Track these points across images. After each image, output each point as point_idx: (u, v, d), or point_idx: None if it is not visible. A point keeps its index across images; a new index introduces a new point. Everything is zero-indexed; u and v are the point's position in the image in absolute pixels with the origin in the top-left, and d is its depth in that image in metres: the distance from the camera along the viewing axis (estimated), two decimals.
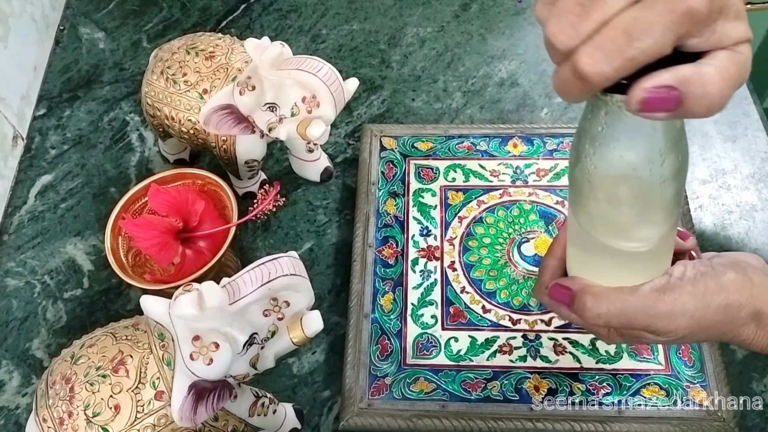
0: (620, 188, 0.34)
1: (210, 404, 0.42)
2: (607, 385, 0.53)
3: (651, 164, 0.32)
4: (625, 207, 0.35)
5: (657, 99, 0.27)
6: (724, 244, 0.61)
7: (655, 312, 0.36)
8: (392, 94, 0.73)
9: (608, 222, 0.36)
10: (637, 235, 0.36)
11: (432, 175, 0.65)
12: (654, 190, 0.33)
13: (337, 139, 0.70)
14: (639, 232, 0.36)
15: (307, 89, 0.54)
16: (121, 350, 0.42)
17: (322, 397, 0.55)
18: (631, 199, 0.34)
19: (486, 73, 0.74)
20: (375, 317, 0.57)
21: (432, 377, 0.54)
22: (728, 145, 0.67)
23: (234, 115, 0.56)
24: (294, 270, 0.42)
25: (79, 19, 0.81)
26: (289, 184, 0.67)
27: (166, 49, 0.60)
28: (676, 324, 0.36)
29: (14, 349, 0.59)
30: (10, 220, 0.66)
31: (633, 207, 0.35)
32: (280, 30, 0.79)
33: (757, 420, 0.53)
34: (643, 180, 0.33)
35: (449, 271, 0.59)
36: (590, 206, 0.36)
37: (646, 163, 0.32)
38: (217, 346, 0.40)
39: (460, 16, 0.79)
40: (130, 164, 0.69)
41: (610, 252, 0.37)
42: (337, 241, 0.63)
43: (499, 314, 0.57)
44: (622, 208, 0.35)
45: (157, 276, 0.55)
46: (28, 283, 0.62)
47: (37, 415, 0.43)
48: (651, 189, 0.33)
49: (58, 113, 0.73)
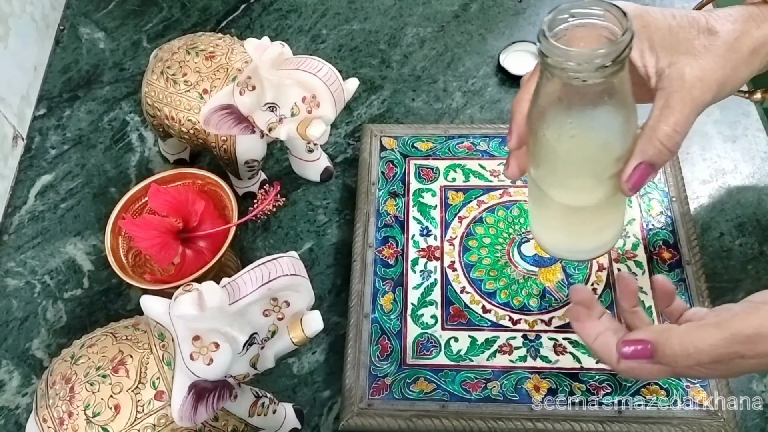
0: (567, 153, 0.38)
1: (210, 404, 0.42)
2: (607, 385, 0.53)
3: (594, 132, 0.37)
4: (573, 168, 0.39)
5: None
6: (725, 244, 0.61)
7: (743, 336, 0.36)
8: (392, 94, 0.73)
9: (560, 182, 0.41)
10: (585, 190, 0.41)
11: (432, 175, 0.65)
12: (598, 155, 0.39)
13: (337, 139, 0.70)
14: (586, 191, 0.41)
15: (307, 89, 0.54)
16: (121, 350, 0.42)
17: (322, 397, 0.55)
18: (577, 162, 0.39)
19: (486, 73, 0.74)
20: (375, 317, 0.57)
21: (432, 377, 0.54)
22: (728, 145, 0.67)
23: (234, 115, 0.56)
24: (294, 270, 0.42)
25: (79, 19, 0.81)
26: (289, 184, 0.67)
27: (166, 49, 0.60)
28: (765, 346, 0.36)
29: (14, 349, 0.59)
30: (10, 220, 0.66)
31: (580, 168, 0.39)
32: (280, 30, 0.79)
33: (757, 420, 0.53)
34: (587, 146, 0.38)
35: (449, 271, 0.59)
36: (546, 169, 0.41)
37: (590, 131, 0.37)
38: (217, 346, 0.40)
39: (460, 16, 0.79)
40: (130, 164, 0.69)
41: (563, 209, 0.42)
42: (337, 241, 0.63)
43: (499, 314, 0.57)
44: (570, 170, 0.40)
45: (157, 276, 0.55)
46: (28, 283, 0.62)
47: (37, 415, 0.43)
48: (595, 154, 0.39)
49: (58, 113, 0.73)
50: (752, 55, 0.42)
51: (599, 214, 0.43)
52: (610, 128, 0.38)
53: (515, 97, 0.44)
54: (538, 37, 0.35)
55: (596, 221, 0.44)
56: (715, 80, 0.41)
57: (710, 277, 0.58)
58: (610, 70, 0.34)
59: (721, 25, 0.42)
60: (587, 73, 0.34)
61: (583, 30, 0.36)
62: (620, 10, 0.35)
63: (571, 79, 0.34)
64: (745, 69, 0.42)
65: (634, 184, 0.40)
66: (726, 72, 0.41)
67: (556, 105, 0.37)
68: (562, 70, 0.34)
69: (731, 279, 0.59)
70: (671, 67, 0.41)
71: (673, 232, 0.60)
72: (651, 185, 0.63)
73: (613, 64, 0.34)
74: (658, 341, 0.38)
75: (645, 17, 0.42)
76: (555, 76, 0.35)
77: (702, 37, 0.41)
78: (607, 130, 0.38)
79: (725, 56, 0.41)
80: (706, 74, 0.41)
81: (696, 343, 0.37)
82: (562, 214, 0.44)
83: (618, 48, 0.34)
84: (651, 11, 0.42)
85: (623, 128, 0.38)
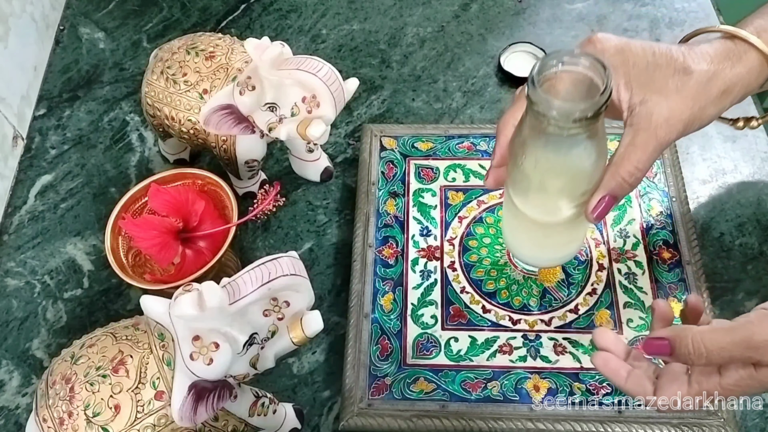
0: (540, 182, 0.44)
1: (210, 404, 0.42)
2: (607, 385, 0.53)
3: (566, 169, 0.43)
4: (543, 194, 0.45)
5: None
6: (725, 244, 0.61)
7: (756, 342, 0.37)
8: (392, 94, 0.73)
9: (531, 202, 0.46)
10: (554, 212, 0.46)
11: (432, 175, 0.65)
12: (567, 187, 0.44)
13: (337, 139, 0.70)
14: (553, 213, 0.47)
15: (307, 89, 0.54)
16: (121, 350, 0.42)
17: (322, 397, 0.55)
18: (548, 190, 0.45)
19: (486, 73, 0.74)
20: (375, 317, 0.57)
21: (432, 377, 0.54)
22: (728, 145, 0.67)
23: (234, 115, 0.56)
24: (294, 270, 0.42)
25: (79, 19, 0.81)
26: (289, 184, 0.67)
27: (166, 49, 0.60)
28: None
29: (14, 349, 0.59)
30: (10, 220, 0.66)
31: (549, 195, 0.45)
32: (280, 30, 0.79)
33: (757, 420, 0.53)
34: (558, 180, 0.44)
35: (449, 271, 0.59)
36: (520, 189, 0.46)
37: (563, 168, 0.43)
38: (217, 346, 0.40)
39: (460, 16, 0.79)
40: (130, 164, 0.69)
41: (532, 223, 0.48)
42: (337, 241, 0.63)
43: (499, 314, 0.57)
44: (541, 195, 0.45)
45: (157, 276, 0.55)
46: (28, 283, 0.62)
47: (37, 415, 0.43)
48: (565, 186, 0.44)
49: (58, 113, 0.73)
50: (722, 96, 0.44)
51: (563, 231, 0.49)
52: (580, 167, 0.42)
53: (502, 118, 0.46)
54: (527, 83, 0.39)
55: (560, 237, 0.50)
56: (682, 120, 0.43)
57: (710, 277, 0.58)
58: (586, 122, 0.38)
59: (697, 64, 0.44)
60: (566, 122, 0.38)
61: (569, 74, 0.40)
62: (604, 66, 0.39)
63: (551, 124, 0.39)
64: (713, 109, 0.44)
65: (598, 215, 0.44)
66: (694, 112, 0.44)
67: (535, 139, 0.41)
68: (544, 116, 0.39)
69: (731, 279, 0.59)
70: (642, 104, 0.43)
71: (673, 232, 0.60)
72: (651, 185, 0.63)
73: (590, 118, 0.38)
74: (676, 338, 0.39)
75: (625, 53, 0.44)
76: (538, 119, 0.39)
77: (677, 76, 0.43)
78: (578, 168, 0.43)
79: (695, 97, 0.43)
80: (673, 114, 0.43)
81: (707, 344, 0.37)
82: (531, 227, 0.49)
83: (596, 105, 0.38)
84: (632, 46, 0.44)
85: (593, 167, 0.43)
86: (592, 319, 0.56)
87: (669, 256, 0.59)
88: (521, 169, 0.43)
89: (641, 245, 0.59)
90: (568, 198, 0.45)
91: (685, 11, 0.77)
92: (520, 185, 0.46)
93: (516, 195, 0.47)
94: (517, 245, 0.54)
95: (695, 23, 0.76)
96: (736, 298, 0.58)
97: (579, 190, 0.44)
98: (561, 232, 0.49)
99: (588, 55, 0.39)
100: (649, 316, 0.56)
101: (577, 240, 0.52)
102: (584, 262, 0.59)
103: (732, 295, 0.58)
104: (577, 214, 0.46)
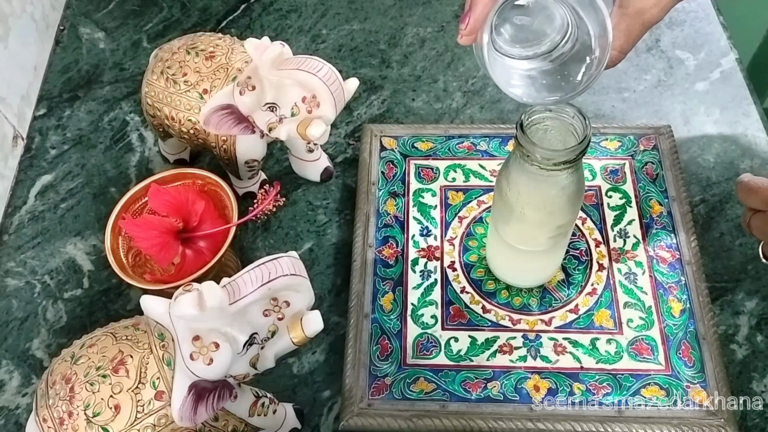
0: (521, 214, 0.48)
1: (210, 404, 0.42)
2: (607, 385, 0.53)
3: (545, 204, 0.47)
4: (522, 225, 0.50)
5: None
6: (725, 244, 0.61)
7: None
8: (392, 94, 0.73)
9: (511, 231, 0.52)
10: (532, 241, 0.51)
11: (432, 175, 0.65)
12: (544, 221, 0.49)
13: (337, 139, 0.70)
14: (531, 241, 0.51)
15: (307, 89, 0.54)
16: (121, 350, 0.42)
17: (322, 397, 0.55)
18: (526, 222, 0.49)
19: (486, 73, 0.74)
20: (375, 317, 0.57)
21: (432, 377, 0.54)
22: (728, 145, 0.67)
23: (234, 115, 0.56)
24: (294, 270, 0.42)
25: (79, 19, 0.81)
26: (289, 184, 0.67)
27: (166, 49, 0.60)
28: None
29: (14, 349, 0.59)
30: (10, 220, 0.66)
31: (527, 226, 0.50)
32: (280, 30, 0.79)
33: (757, 420, 0.53)
34: (537, 214, 0.48)
35: (449, 271, 0.59)
36: (502, 217, 0.51)
37: (542, 203, 0.47)
38: (217, 346, 0.40)
39: (460, 16, 0.79)
40: (130, 164, 0.69)
41: (511, 248, 0.53)
42: (337, 241, 0.63)
43: (499, 314, 0.57)
44: (521, 226, 0.50)
45: (157, 276, 0.55)
46: (28, 283, 0.62)
47: (37, 415, 0.43)
48: (542, 220, 0.48)
49: (58, 113, 0.73)
50: None
51: (541, 257, 0.54)
52: (558, 204, 0.47)
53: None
54: (517, 127, 0.44)
55: (538, 263, 0.55)
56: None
57: (710, 277, 0.58)
58: (566, 166, 0.43)
59: None
60: (548, 164, 0.43)
61: (554, 120, 0.45)
62: (584, 117, 0.43)
63: (534, 165, 0.43)
64: None
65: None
66: None
67: (520, 175, 0.46)
68: (528, 157, 0.43)
69: (731, 279, 0.59)
70: None
71: (673, 232, 0.60)
72: (651, 185, 0.63)
73: (571, 162, 0.43)
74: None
75: None
76: (523, 158, 0.44)
77: None
78: (556, 204, 0.47)
79: None
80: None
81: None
82: (511, 253, 0.54)
83: (575, 152, 0.43)
84: None
85: (570, 204, 0.47)
86: (592, 319, 0.56)
87: (669, 256, 0.59)
88: (504, 199, 0.48)
89: (641, 245, 0.59)
90: (545, 229, 0.49)
91: (685, 11, 0.77)
92: (502, 214, 0.51)
93: (499, 223, 0.52)
94: (499, 267, 0.58)
95: (695, 23, 0.76)
96: (736, 298, 0.58)
97: (554, 224, 0.49)
98: (539, 259, 0.54)
99: (572, 106, 0.44)
100: (649, 316, 0.56)
101: (554, 265, 0.57)
102: (584, 262, 0.59)
103: (732, 295, 0.58)
104: (553, 243, 0.51)
